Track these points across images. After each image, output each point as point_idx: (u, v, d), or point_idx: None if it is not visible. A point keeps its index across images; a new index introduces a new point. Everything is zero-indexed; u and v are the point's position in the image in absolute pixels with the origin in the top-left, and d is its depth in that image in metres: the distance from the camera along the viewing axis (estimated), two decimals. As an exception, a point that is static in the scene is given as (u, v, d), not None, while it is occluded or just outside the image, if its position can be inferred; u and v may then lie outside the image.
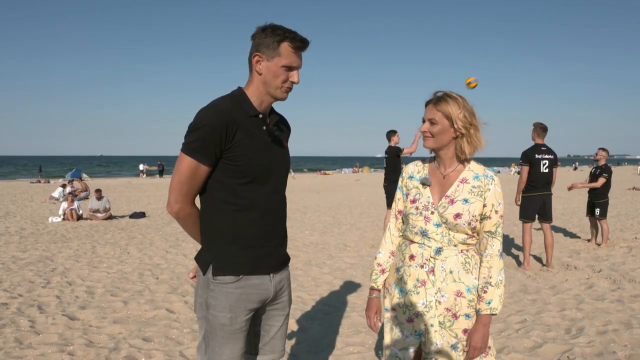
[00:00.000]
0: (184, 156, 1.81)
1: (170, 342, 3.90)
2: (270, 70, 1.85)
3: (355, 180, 34.98)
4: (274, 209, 1.95)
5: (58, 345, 3.80)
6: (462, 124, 1.98)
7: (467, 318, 2.01)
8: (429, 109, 2.04)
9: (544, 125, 6.49)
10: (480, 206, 2.00)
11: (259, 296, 1.92)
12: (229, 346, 1.86)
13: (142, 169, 44.86)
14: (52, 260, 7.11)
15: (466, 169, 2.06)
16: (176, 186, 1.84)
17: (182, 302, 4.93)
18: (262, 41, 1.84)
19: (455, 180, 2.05)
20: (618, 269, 6.26)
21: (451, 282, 2.00)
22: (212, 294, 1.86)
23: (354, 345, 3.80)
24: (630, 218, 11.49)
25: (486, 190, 2.01)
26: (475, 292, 2.01)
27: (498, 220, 2.01)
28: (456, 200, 2.00)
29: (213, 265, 1.87)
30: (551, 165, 6.38)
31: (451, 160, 2.07)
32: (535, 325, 4.19)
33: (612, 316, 4.39)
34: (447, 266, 2.00)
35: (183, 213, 1.88)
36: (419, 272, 2.02)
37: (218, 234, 1.88)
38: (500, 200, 2.02)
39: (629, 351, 3.61)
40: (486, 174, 2.04)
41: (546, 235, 6.45)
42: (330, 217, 12.49)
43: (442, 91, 2.05)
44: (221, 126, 1.77)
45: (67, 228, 10.73)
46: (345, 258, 7.24)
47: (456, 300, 2.00)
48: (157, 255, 7.53)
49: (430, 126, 2.02)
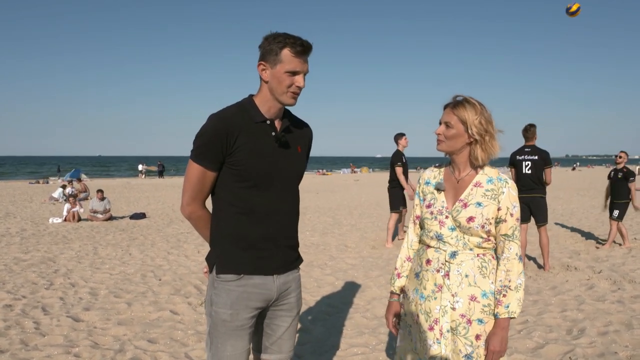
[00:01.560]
0: (191, 162, 1.94)
1: (176, 343, 3.93)
2: (275, 77, 1.91)
3: (354, 180, 35.03)
4: (277, 213, 1.99)
5: (64, 346, 3.82)
6: (476, 130, 1.99)
7: (480, 323, 1.99)
8: (447, 112, 2.05)
9: (527, 127, 6.47)
10: (494, 209, 2.00)
11: (261, 296, 1.98)
12: (231, 342, 1.94)
13: (141, 169, 44.84)
14: (54, 262, 7.13)
15: (480, 173, 2.07)
16: (187, 190, 1.97)
17: (185, 304, 4.95)
18: (266, 50, 1.91)
19: (469, 184, 2.06)
20: (618, 270, 6.30)
21: (467, 287, 1.99)
22: (215, 291, 1.96)
23: (357, 347, 3.83)
24: (629, 219, 11.53)
25: (500, 193, 2.01)
26: (491, 297, 2.00)
27: (514, 223, 2.01)
28: (469, 204, 2.01)
29: (217, 263, 1.97)
30: (536, 166, 6.33)
31: (465, 164, 2.08)
32: (536, 326, 4.22)
33: (612, 317, 4.43)
34: (462, 270, 2.00)
35: (195, 215, 2.01)
36: (436, 276, 2.03)
37: (222, 235, 1.98)
38: (515, 203, 2.02)
39: (630, 352, 3.64)
40: (500, 177, 2.04)
41: (541, 237, 6.46)
42: (330, 217, 12.52)
43: (461, 95, 2.06)
44: (222, 132, 1.87)
45: (68, 229, 10.75)
46: (346, 259, 7.27)
47: (470, 304, 1.99)
48: (158, 256, 7.56)
49: (445, 129, 2.04)
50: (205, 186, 1.95)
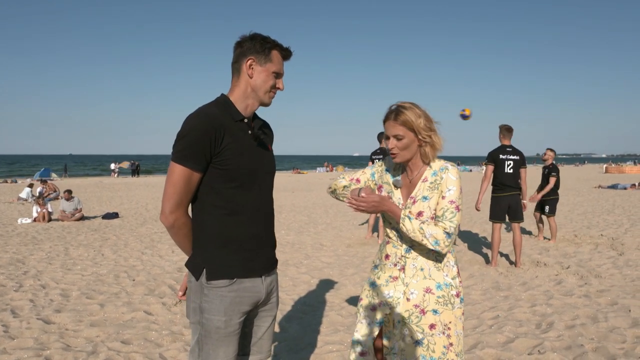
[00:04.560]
0: (175, 165, 1.82)
1: (150, 344, 3.89)
2: (262, 75, 1.91)
3: (329, 179, 35.09)
4: (262, 212, 1.99)
5: (34, 349, 3.74)
6: (425, 132, 2.09)
7: (435, 314, 2.10)
8: (391, 126, 2.12)
9: (508, 127, 6.65)
10: (438, 198, 2.12)
11: (252, 299, 1.96)
12: (223, 349, 1.90)
13: (113, 168, 44.03)
14: (23, 263, 6.96)
15: (428, 168, 2.19)
16: (171, 196, 1.84)
17: (159, 304, 4.91)
18: (254, 47, 1.91)
19: (419, 181, 2.18)
20: (585, 265, 6.49)
21: (421, 279, 2.11)
22: (206, 298, 1.88)
23: (333, 344, 3.87)
24: (596, 215, 11.89)
25: (441, 181, 2.12)
26: (445, 289, 2.11)
27: (446, 204, 2.08)
28: (417, 200, 2.13)
29: (207, 269, 1.89)
30: (517, 165, 6.52)
31: (416, 165, 2.20)
32: (507, 321, 4.33)
33: (579, 311, 4.57)
34: (417, 264, 2.12)
35: (178, 223, 1.89)
36: (393, 269, 2.16)
37: (209, 239, 1.90)
38: (451, 186, 2.09)
39: (595, 344, 3.77)
40: (442, 167, 2.15)
41: (515, 235, 6.62)
42: (305, 216, 12.54)
43: (395, 104, 2.15)
44: (210, 131, 1.80)
45: (38, 229, 10.49)
46: (322, 257, 7.30)
47: (425, 296, 2.10)
48: (132, 256, 7.45)
49: (397, 142, 2.12)
50: (190, 190, 1.85)
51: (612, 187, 22.23)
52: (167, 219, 1.87)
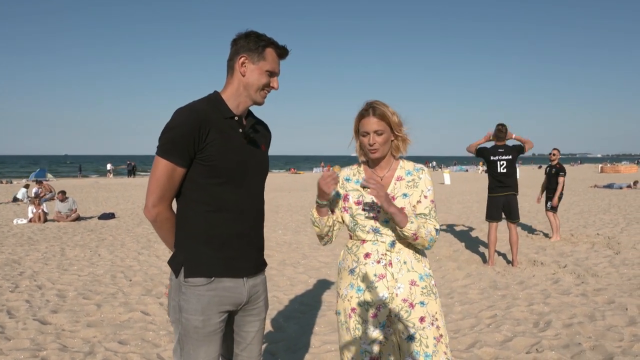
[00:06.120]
0: (159, 159, 1.81)
1: (147, 344, 3.88)
2: (255, 73, 1.89)
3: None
4: (249, 211, 1.94)
5: (30, 350, 3.72)
6: (398, 127, 2.16)
7: (422, 305, 2.12)
8: (370, 122, 2.13)
9: (500, 127, 6.62)
10: (418, 195, 2.18)
11: (232, 299, 1.90)
12: (204, 349, 1.85)
13: (109, 168, 43.94)
14: (19, 264, 6.93)
15: (399, 167, 2.23)
16: (154, 190, 1.82)
17: (157, 304, 4.89)
18: (247, 45, 1.88)
19: (392, 179, 2.21)
20: (582, 264, 6.51)
21: (406, 272, 2.13)
22: (184, 297, 1.84)
23: (331, 344, 3.86)
24: (592, 215, 11.92)
25: (419, 180, 2.20)
26: (427, 279, 2.16)
27: (428, 204, 2.18)
28: (397, 197, 2.16)
29: (185, 267, 1.85)
30: (510, 165, 6.54)
31: (387, 162, 2.24)
32: (505, 320, 4.34)
33: (577, 309, 4.58)
34: (401, 257, 2.15)
35: (161, 217, 1.87)
36: (376, 267, 2.13)
37: (191, 235, 1.87)
38: (429, 187, 2.21)
39: (593, 342, 3.78)
40: (416, 168, 2.24)
41: (511, 234, 6.63)
42: (302, 216, 12.53)
43: (370, 102, 2.18)
44: (194, 126, 1.78)
45: (34, 230, 10.45)
46: (319, 257, 7.29)
47: (411, 289, 2.12)
48: (128, 257, 7.43)
49: (378, 137, 2.14)
50: (174, 184, 1.83)
51: (607, 186, 22.32)
52: (149, 212, 1.85)
